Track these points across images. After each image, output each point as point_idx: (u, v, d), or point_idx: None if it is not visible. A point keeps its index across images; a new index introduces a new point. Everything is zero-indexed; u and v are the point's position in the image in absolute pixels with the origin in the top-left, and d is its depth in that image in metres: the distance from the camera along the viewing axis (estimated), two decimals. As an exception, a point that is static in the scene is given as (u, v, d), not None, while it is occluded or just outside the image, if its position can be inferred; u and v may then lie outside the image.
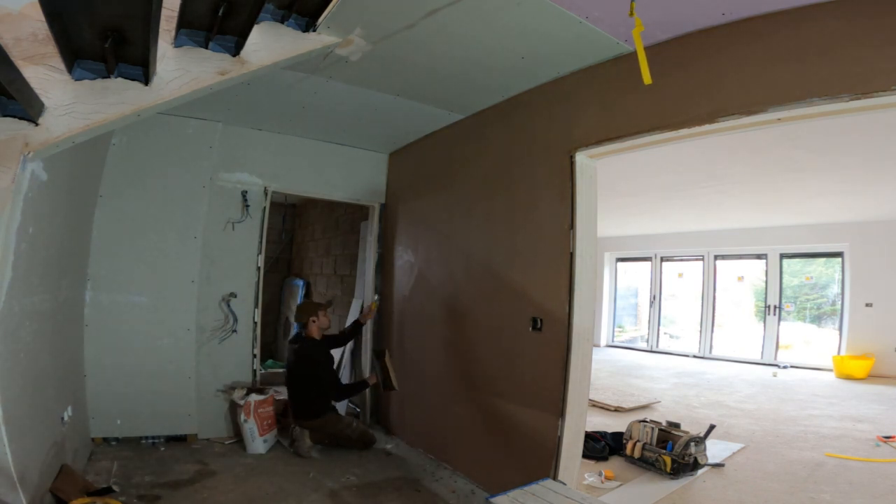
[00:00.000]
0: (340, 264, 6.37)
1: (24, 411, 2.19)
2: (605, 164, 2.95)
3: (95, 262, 3.48)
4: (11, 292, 1.98)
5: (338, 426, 3.86)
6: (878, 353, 7.37)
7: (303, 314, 4.03)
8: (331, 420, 3.86)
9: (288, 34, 2.35)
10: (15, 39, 1.88)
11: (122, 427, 3.57)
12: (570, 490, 2.18)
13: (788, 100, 1.96)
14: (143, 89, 2.03)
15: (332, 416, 3.89)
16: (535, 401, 2.86)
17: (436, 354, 3.83)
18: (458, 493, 3.18)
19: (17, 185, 1.83)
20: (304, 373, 3.88)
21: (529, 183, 3.05)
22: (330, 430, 3.83)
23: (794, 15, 1.98)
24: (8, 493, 1.96)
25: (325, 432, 3.83)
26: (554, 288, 2.78)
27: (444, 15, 2.27)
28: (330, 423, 3.85)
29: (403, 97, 3.34)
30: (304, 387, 3.89)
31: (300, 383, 3.91)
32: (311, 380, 3.87)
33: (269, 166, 4.22)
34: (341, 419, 3.95)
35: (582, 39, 2.44)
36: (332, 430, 3.84)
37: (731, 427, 4.68)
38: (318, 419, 3.82)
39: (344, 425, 3.89)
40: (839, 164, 4.68)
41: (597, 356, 7.12)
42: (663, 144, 2.52)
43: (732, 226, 8.70)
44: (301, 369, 3.89)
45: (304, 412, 3.85)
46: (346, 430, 3.86)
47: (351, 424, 3.93)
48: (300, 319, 4.03)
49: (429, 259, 4.00)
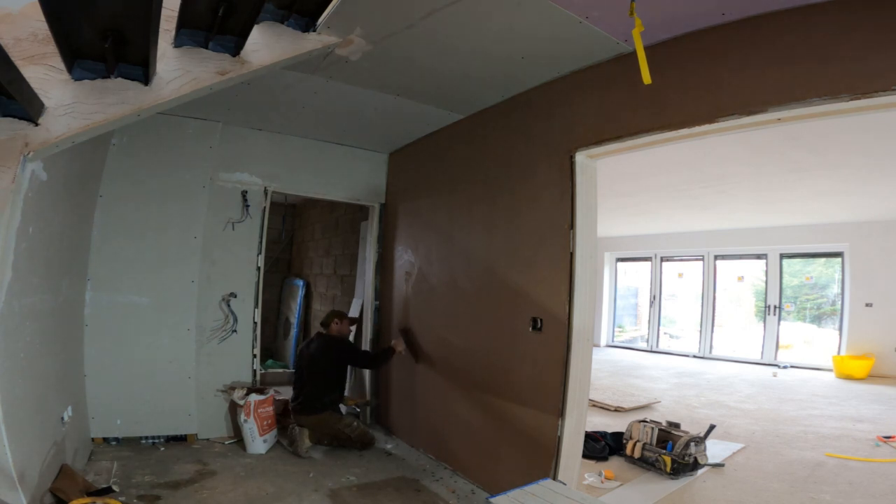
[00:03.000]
0: (340, 264, 6.37)
1: (24, 411, 2.19)
2: (605, 164, 2.95)
3: (95, 262, 3.48)
4: (11, 292, 1.98)
5: (337, 425, 3.87)
6: (878, 353, 7.37)
7: (331, 316, 4.23)
8: (330, 418, 3.87)
9: (288, 34, 2.35)
10: (15, 39, 1.88)
11: (122, 427, 3.57)
12: (570, 490, 2.17)
13: (788, 100, 1.96)
14: (143, 89, 2.03)
15: (332, 415, 3.90)
16: (535, 401, 2.86)
17: (436, 354, 3.83)
18: (458, 493, 3.18)
19: (17, 185, 1.83)
20: (320, 364, 3.95)
21: (529, 183, 3.05)
22: (328, 429, 3.84)
23: (793, 15, 1.98)
24: (8, 493, 1.96)
25: (324, 431, 3.84)
26: (554, 288, 2.78)
27: (444, 15, 2.27)
28: (329, 421, 3.86)
29: (403, 97, 3.34)
30: (313, 379, 3.93)
31: (311, 375, 3.95)
32: (321, 373, 3.93)
33: (269, 166, 4.22)
34: (341, 418, 3.95)
35: (582, 39, 2.44)
36: (330, 429, 3.85)
37: (731, 427, 4.68)
38: (318, 415, 3.84)
39: (343, 425, 3.89)
40: (839, 164, 4.68)
41: (597, 356, 7.13)
42: (663, 144, 2.51)
43: (732, 226, 8.70)
44: (318, 359, 3.97)
45: (305, 407, 3.87)
46: (345, 430, 3.87)
47: (350, 424, 3.93)
48: (326, 319, 4.20)
49: (429, 259, 4.00)
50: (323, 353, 4.01)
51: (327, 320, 4.19)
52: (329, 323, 4.16)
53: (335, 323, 4.15)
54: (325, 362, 3.97)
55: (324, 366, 3.97)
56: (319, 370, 3.96)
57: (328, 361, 3.98)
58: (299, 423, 3.83)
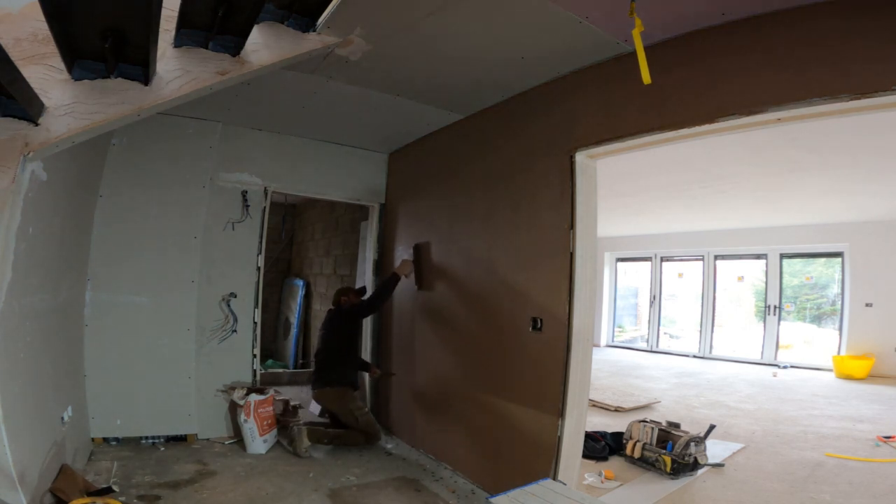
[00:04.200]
0: (340, 264, 6.38)
1: (24, 411, 2.19)
2: (605, 165, 2.95)
3: (95, 262, 3.48)
4: (11, 292, 1.98)
5: (350, 404, 3.91)
6: (878, 353, 7.37)
7: (338, 294, 4.33)
8: (346, 394, 3.92)
9: (288, 34, 2.35)
10: (15, 39, 1.88)
11: (122, 427, 3.57)
12: (570, 490, 2.17)
13: (788, 100, 1.96)
14: (143, 89, 2.03)
15: (347, 391, 3.94)
16: (535, 401, 2.86)
17: (435, 354, 3.83)
18: (458, 493, 3.18)
19: (17, 185, 1.83)
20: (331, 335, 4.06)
21: (529, 183, 3.05)
22: (342, 405, 3.89)
23: (793, 15, 1.98)
24: (8, 493, 1.96)
25: (338, 406, 3.90)
26: (554, 288, 2.78)
27: (444, 15, 2.27)
28: (344, 396, 3.92)
29: (403, 97, 3.34)
30: (327, 352, 4.03)
31: (325, 349, 4.06)
32: (335, 343, 4.03)
33: (269, 166, 4.22)
34: (356, 398, 4.00)
35: (582, 39, 2.44)
36: (343, 406, 3.88)
37: (731, 427, 4.67)
38: (334, 388, 3.91)
39: (355, 406, 3.93)
40: (839, 163, 4.68)
41: (597, 356, 7.12)
42: (663, 144, 2.52)
43: (732, 226, 8.70)
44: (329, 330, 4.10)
45: (320, 378, 3.96)
46: (355, 412, 3.89)
47: (363, 409, 3.98)
48: (336, 298, 4.31)
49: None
50: (332, 323, 4.15)
51: (336, 298, 4.28)
52: (338, 301, 4.25)
53: (343, 298, 4.23)
54: (335, 332, 4.08)
55: (335, 335, 4.07)
56: (332, 341, 4.06)
57: (338, 329, 4.08)
58: (315, 397, 3.94)
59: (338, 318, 4.15)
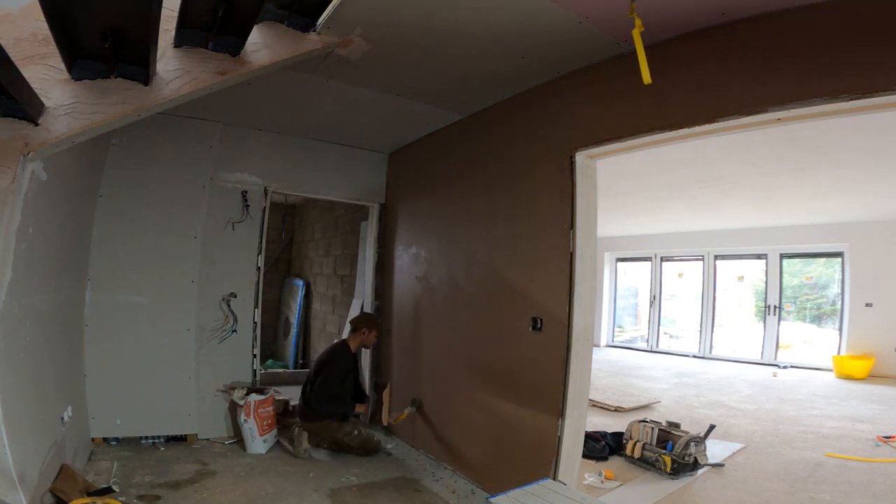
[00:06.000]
0: (340, 264, 6.37)
1: (24, 411, 2.19)
2: (605, 164, 2.95)
3: (95, 262, 3.48)
4: (11, 292, 1.98)
5: (336, 433, 3.77)
6: (878, 353, 7.37)
7: (361, 321, 4.13)
8: (330, 427, 3.78)
9: (288, 34, 2.36)
10: (15, 39, 1.88)
11: (122, 427, 3.57)
12: (570, 490, 2.17)
13: (788, 100, 1.96)
14: (143, 89, 2.03)
15: (331, 423, 3.79)
16: (535, 401, 2.86)
17: (435, 354, 3.83)
18: (458, 493, 3.18)
19: (17, 185, 1.83)
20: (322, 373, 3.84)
21: (530, 183, 3.05)
22: (327, 435, 3.79)
23: (793, 15, 1.97)
24: (8, 493, 1.96)
25: (322, 436, 3.79)
26: (554, 288, 2.78)
27: (444, 15, 2.27)
28: (328, 429, 3.78)
29: (403, 97, 3.34)
30: (314, 386, 3.85)
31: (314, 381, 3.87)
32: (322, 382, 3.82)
33: (269, 166, 4.22)
34: (341, 426, 3.81)
35: (582, 39, 2.44)
36: (330, 436, 3.79)
37: (731, 427, 4.67)
38: (317, 423, 3.78)
39: (343, 433, 3.77)
40: (839, 163, 4.67)
41: (597, 356, 7.12)
42: (663, 144, 2.52)
43: (732, 226, 8.70)
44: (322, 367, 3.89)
45: (304, 411, 3.85)
46: (344, 439, 3.76)
47: (351, 433, 3.79)
48: (357, 323, 4.11)
49: (429, 259, 4.00)
50: (327, 362, 3.93)
51: (358, 324, 4.09)
52: (359, 328, 4.06)
53: (363, 332, 4.05)
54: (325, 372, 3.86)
55: (324, 376, 3.85)
56: (321, 378, 3.85)
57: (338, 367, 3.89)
58: (302, 426, 3.79)
59: (342, 357, 3.95)
